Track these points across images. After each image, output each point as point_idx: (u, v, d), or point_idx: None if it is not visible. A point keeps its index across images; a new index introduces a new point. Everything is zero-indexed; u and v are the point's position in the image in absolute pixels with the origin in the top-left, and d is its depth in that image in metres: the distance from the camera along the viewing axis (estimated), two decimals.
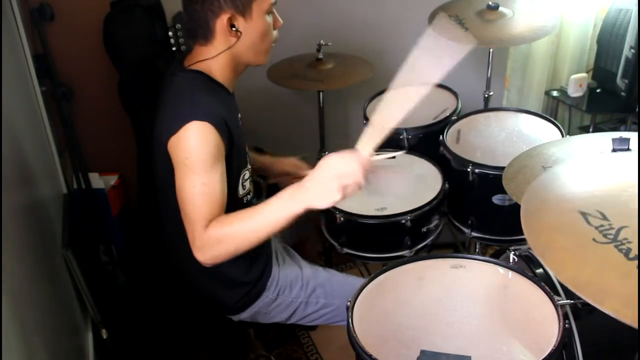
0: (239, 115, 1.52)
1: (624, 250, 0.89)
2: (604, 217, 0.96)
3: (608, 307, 0.82)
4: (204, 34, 1.36)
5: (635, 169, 1.08)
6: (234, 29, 1.34)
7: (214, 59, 1.38)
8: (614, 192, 1.04)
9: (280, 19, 1.44)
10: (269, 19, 1.39)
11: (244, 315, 1.57)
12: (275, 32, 1.43)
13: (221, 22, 1.33)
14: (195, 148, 1.28)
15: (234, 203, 1.39)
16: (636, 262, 0.87)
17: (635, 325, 0.79)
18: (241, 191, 1.47)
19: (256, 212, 1.29)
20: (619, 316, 0.80)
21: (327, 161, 1.23)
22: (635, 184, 1.03)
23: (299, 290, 1.57)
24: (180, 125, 1.28)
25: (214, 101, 1.34)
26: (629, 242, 0.90)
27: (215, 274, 1.45)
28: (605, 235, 0.93)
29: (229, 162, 1.36)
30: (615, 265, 0.88)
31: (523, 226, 1.01)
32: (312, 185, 1.24)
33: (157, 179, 1.47)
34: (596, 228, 0.94)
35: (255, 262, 1.53)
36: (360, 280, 1.46)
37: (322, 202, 1.23)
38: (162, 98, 1.40)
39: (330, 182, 1.21)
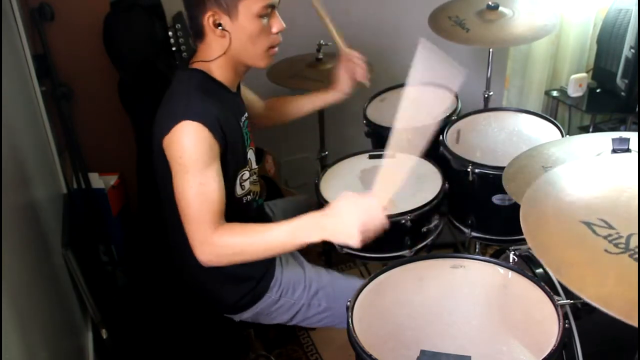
0: (245, 115, 1.51)
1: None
2: (610, 226, 0.94)
3: None
4: (196, 31, 1.38)
5: (635, 169, 1.08)
6: (220, 28, 1.34)
7: (213, 60, 1.39)
8: (610, 197, 1.02)
9: (282, 22, 1.40)
10: (264, 21, 1.36)
11: (246, 315, 1.57)
12: (277, 36, 1.40)
13: (207, 20, 1.34)
14: (188, 148, 1.28)
15: (232, 203, 1.39)
16: None
17: None
18: (239, 191, 1.47)
19: (273, 230, 1.30)
20: None
21: (352, 201, 1.25)
22: (632, 186, 1.02)
23: (302, 292, 1.57)
24: (173, 124, 1.28)
25: (209, 101, 1.34)
26: None
27: (217, 272, 1.44)
28: (616, 245, 0.90)
29: (224, 162, 1.36)
30: (634, 275, 0.85)
31: (530, 243, 0.99)
32: (334, 222, 1.25)
33: (157, 178, 1.47)
34: (605, 238, 0.92)
35: (259, 262, 1.52)
36: (363, 282, 1.46)
37: (340, 239, 1.24)
38: (164, 97, 1.41)
39: (353, 224, 1.22)
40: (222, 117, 1.34)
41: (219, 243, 1.29)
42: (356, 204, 1.24)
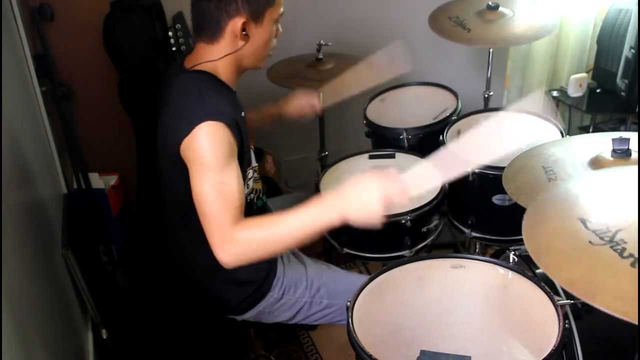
0: (243, 114, 1.52)
1: (618, 250, 0.90)
2: (602, 222, 0.97)
3: (599, 302, 0.83)
4: (211, 33, 1.36)
5: (635, 169, 1.08)
6: (244, 32, 1.35)
7: (219, 60, 1.38)
8: (614, 201, 1.04)
9: (280, 28, 1.45)
10: (274, 27, 1.41)
11: (248, 315, 1.57)
12: (274, 41, 1.45)
13: (234, 25, 1.34)
14: (209, 148, 1.27)
15: None
16: (630, 259, 0.88)
17: (629, 319, 0.80)
18: (245, 190, 1.47)
19: (291, 218, 1.26)
20: (609, 309, 0.81)
21: (373, 178, 1.23)
22: (634, 186, 1.03)
23: (304, 290, 1.57)
24: (192, 126, 1.27)
25: (223, 100, 1.34)
26: (625, 243, 0.91)
27: (222, 275, 1.43)
28: (601, 238, 0.93)
29: (239, 160, 1.36)
30: (608, 263, 0.89)
31: (523, 234, 1.02)
32: (356, 199, 1.22)
33: (161, 179, 1.46)
34: (593, 232, 0.95)
35: (262, 262, 1.51)
36: (364, 278, 1.46)
37: (362, 217, 1.21)
38: (166, 99, 1.39)
39: (375, 199, 1.20)
40: (237, 116, 1.35)
41: (241, 239, 1.26)
42: (377, 179, 1.22)
